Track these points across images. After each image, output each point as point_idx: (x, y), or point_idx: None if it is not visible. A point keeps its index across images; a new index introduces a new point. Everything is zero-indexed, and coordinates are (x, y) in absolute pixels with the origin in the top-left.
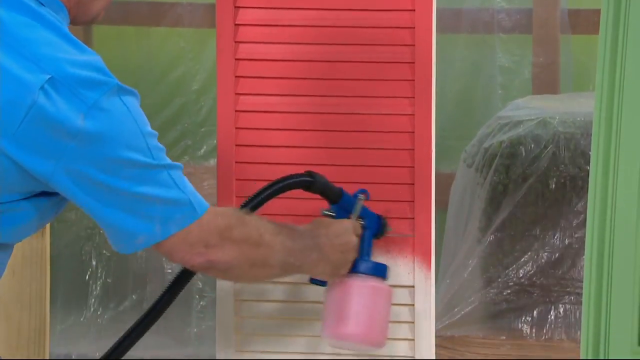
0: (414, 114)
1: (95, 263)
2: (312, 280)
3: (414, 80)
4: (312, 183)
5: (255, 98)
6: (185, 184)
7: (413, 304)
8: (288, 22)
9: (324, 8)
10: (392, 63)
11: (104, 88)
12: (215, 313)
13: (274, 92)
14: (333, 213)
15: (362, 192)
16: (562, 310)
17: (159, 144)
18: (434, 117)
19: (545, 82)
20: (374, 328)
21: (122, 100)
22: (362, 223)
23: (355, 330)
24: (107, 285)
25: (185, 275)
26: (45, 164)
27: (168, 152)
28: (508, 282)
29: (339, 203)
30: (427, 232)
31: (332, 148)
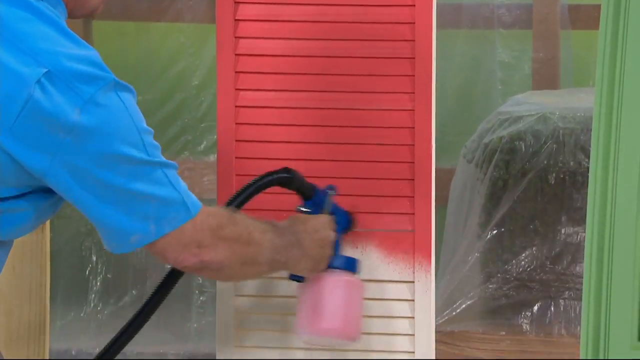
0: (414, 110)
1: (96, 258)
2: (291, 277)
3: (414, 76)
4: (291, 179)
5: (255, 93)
6: (179, 183)
7: (413, 299)
8: (288, 17)
9: (324, 3)
10: (392, 58)
11: (101, 83)
12: (215, 308)
13: (274, 87)
14: (308, 209)
15: (330, 188)
16: (562, 306)
17: (155, 142)
18: (434, 112)
19: (546, 77)
20: (351, 322)
21: (118, 96)
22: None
23: (334, 325)
24: (107, 281)
25: (175, 275)
26: (41, 159)
27: (168, 147)
28: (508, 277)
29: (313, 199)
30: (427, 227)
31: (332, 144)
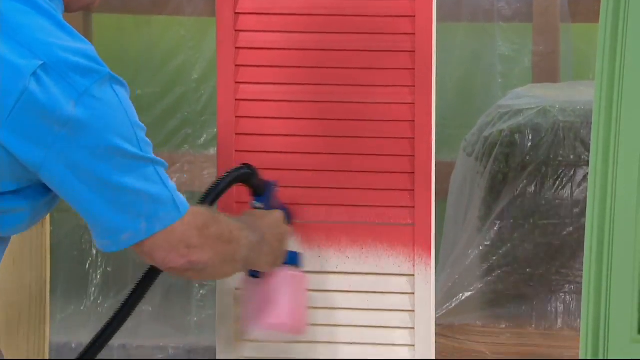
0: (414, 103)
1: (96, 252)
2: (250, 273)
3: (414, 69)
4: (253, 174)
5: (255, 87)
6: (169, 182)
7: (413, 293)
8: (288, 10)
9: None
10: (392, 52)
11: (96, 76)
12: (215, 302)
13: (274, 80)
14: (262, 205)
15: (274, 183)
16: (562, 299)
17: (147, 139)
18: (434, 105)
19: (546, 70)
20: (302, 316)
21: (113, 90)
22: None
23: (283, 320)
24: (107, 274)
25: (153, 274)
26: (36, 152)
27: (169, 140)
28: (508, 270)
29: (264, 194)
30: (427, 220)
31: (332, 137)
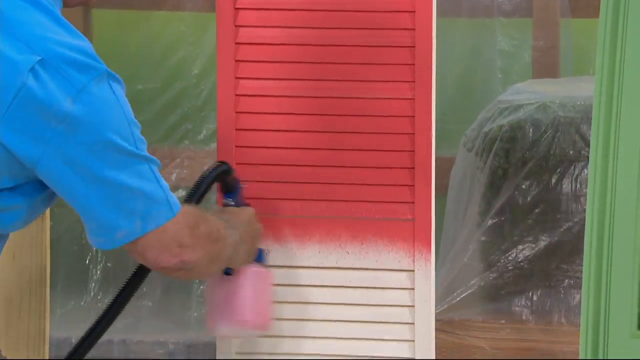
0: (414, 98)
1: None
2: (225, 270)
3: (414, 65)
4: (230, 171)
5: (255, 82)
6: (163, 181)
7: (413, 288)
8: (288, 5)
9: None
10: (392, 47)
11: (94, 73)
12: None
13: (274, 76)
14: (233, 202)
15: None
16: (561, 294)
17: (142, 137)
18: (434, 101)
19: (546, 66)
20: (267, 313)
21: (110, 87)
22: None
23: (251, 317)
24: (107, 270)
25: (142, 274)
26: (34, 148)
27: (169, 136)
28: (508, 266)
29: (234, 191)
30: (427, 216)
31: (332, 132)
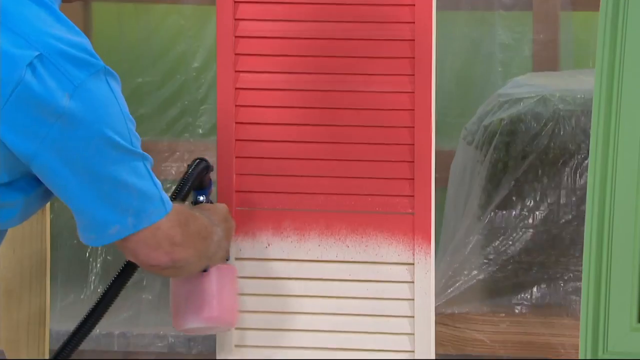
0: (414, 92)
1: None
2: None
3: (414, 58)
4: (209, 168)
5: (255, 75)
6: (156, 179)
7: (413, 281)
8: None
9: None
10: (392, 40)
11: (91, 69)
12: None
13: (274, 69)
14: (204, 199)
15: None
16: (561, 288)
17: (137, 133)
18: (434, 94)
19: (546, 59)
20: (235, 308)
21: (108, 83)
22: None
23: (219, 313)
24: (107, 263)
25: (130, 270)
26: (30, 143)
27: (169, 129)
28: (508, 259)
29: (206, 189)
30: (427, 209)
31: (332, 125)
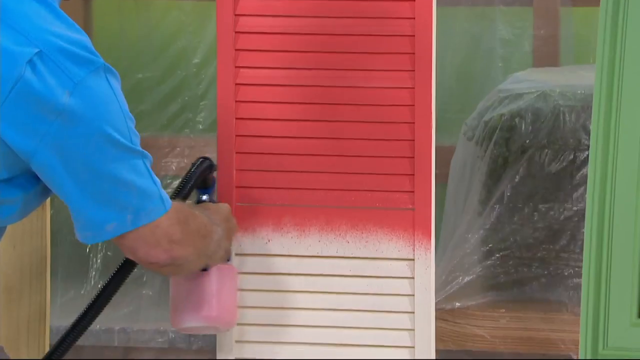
0: (414, 87)
1: None
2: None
3: (414, 54)
4: (212, 167)
5: (256, 71)
6: (155, 177)
7: (413, 277)
8: None
9: None
10: (392, 36)
11: (91, 67)
12: None
13: (274, 65)
14: (208, 198)
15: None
16: (562, 283)
17: (136, 131)
18: (434, 90)
19: (546, 54)
20: (234, 309)
21: (107, 80)
22: None
23: (218, 313)
24: (107, 259)
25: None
26: (29, 141)
27: (169, 125)
28: (508, 254)
29: (210, 188)
30: (427, 205)
31: (332, 121)
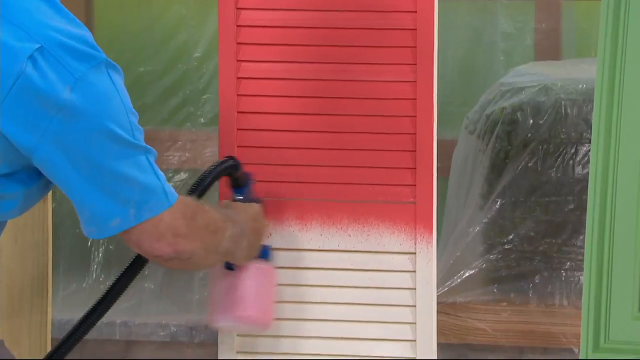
0: (416, 81)
1: None
2: (226, 265)
3: (416, 47)
4: (237, 167)
5: (257, 65)
6: (159, 171)
7: (414, 271)
8: None
9: None
10: (394, 30)
11: (93, 62)
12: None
13: (276, 58)
14: (241, 197)
15: (251, 175)
16: (563, 277)
17: (139, 125)
18: (436, 83)
19: (548, 48)
20: (269, 310)
21: (109, 76)
22: None
23: (253, 313)
24: (109, 252)
25: (140, 263)
26: (31, 136)
27: (170, 119)
28: (509, 248)
29: (244, 187)
30: (428, 199)
31: (334, 115)
